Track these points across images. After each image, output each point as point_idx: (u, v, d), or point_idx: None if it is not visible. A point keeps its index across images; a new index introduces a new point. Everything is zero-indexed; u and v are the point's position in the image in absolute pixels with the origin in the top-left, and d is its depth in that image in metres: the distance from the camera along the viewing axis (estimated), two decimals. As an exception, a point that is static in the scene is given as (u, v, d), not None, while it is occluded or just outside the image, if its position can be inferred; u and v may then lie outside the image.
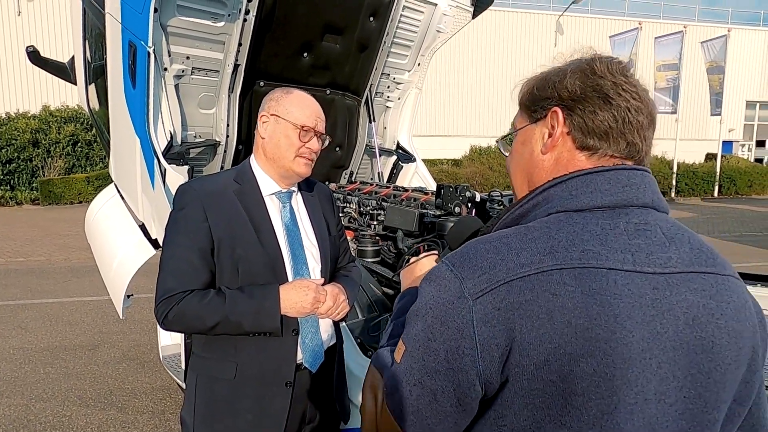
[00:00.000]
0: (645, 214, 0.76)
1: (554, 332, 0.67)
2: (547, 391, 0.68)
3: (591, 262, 0.70)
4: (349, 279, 1.69)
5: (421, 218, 2.44)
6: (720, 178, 19.66)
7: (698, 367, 0.71)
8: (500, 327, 0.69)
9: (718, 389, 0.72)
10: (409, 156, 3.99)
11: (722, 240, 10.30)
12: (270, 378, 1.49)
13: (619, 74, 0.78)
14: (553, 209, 0.77)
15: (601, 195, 0.75)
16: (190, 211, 1.44)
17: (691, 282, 0.73)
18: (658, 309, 0.70)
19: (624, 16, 23.93)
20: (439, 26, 3.60)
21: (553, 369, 0.67)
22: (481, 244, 0.76)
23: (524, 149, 0.86)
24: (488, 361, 0.69)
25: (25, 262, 7.87)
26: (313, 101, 1.58)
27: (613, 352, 0.67)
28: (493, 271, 0.71)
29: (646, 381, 0.68)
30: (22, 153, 15.01)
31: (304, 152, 1.51)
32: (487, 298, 0.70)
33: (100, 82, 3.10)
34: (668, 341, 0.70)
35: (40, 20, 17.34)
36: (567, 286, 0.68)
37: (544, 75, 0.84)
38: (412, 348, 0.75)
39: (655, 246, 0.74)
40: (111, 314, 5.16)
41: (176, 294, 1.38)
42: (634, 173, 0.77)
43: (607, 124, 0.77)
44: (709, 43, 18.57)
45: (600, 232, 0.73)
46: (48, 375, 3.99)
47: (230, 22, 2.73)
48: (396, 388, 0.76)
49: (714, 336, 0.72)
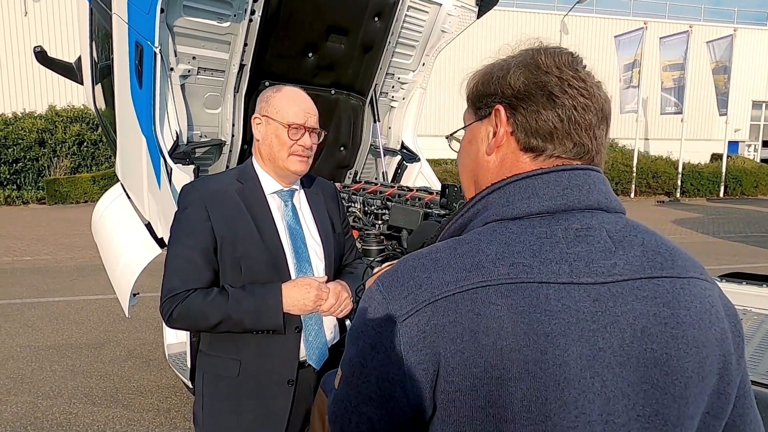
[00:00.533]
0: (589, 217, 0.70)
1: (479, 356, 0.62)
2: (477, 417, 0.63)
3: (520, 276, 0.64)
4: (354, 276, 1.70)
5: (425, 217, 2.45)
6: (726, 178, 19.57)
7: (651, 383, 0.65)
8: (426, 351, 0.63)
9: (678, 404, 0.66)
10: (413, 156, 4.00)
11: (728, 240, 10.26)
12: (272, 376, 1.50)
13: (567, 68, 0.72)
14: (489, 218, 0.71)
15: (539, 200, 0.69)
16: (192, 211, 1.46)
17: (639, 290, 0.67)
18: (599, 323, 0.64)
19: (629, 15, 23.86)
20: (443, 26, 3.61)
21: (480, 394, 0.62)
22: (410, 260, 0.70)
23: (471, 148, 0.80)
24: (417, 387, 0.64)
25: (31, 261, 7.93)
26: (303, 97, 1.57)
27: (544, 374, 0.62)
28: (418, 291, 0.66)
29: (587, 402, 0.63)
30: (29, 152, 15.12)
31: (297, 150, 1.51)
32: (413, 320, 0.65)
33: (107, 81, 3.13)
34: (613, 357, 0.64)
35: (46, 21, 17.45)
36: (492, 304, 0.63)
37: (489, 68, 0.78)
38: (348, 373, 0.71)
39: (598, 253, 0.67)
40: (117, 313, 5.19)
41: (180, 293, 1.40)
42: (576, 174, 0.71)
43: (552, 125, 0.71)
44: (714, 43, 18.50)
45: (534, 242, 0.67)
46: (55, 373, 4.02)
47: (236, 22, 2.75)
48: (336, 415, 0.73)
49: (669, 347, 0.66)
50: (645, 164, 18.83)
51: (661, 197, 18.74)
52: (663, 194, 18.94)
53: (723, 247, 9.46)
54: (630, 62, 17.77)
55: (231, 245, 1.46)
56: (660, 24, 22.54)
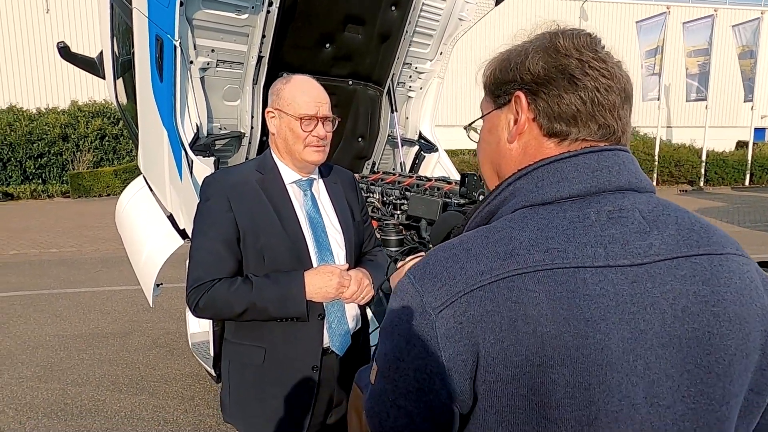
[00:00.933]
0: (620, 198, 0.69)
1: (520, 343, 0.61)
2: (520, 406, 0.62)
3: (556, 262, 0.63)
4: (375, 263, 1.71)
5: (444, 207, 2.44)
6: (752, 166, 19.05)
7: (695, 362, 0.64)
8: (464, 342, 0.63)
9: (723, 383, 0.65)
10: (431, 146, 3.98)
11: (753, 230, 10.01)
12: (297, 363, 1.53)
13: (586, 50, 0.71)
14: (518, 204, 0.70)
15: (569, 184, 0.68)
16: (215, 203, 1.49)
17: (677, 269, 0.66)
18: (639, 305, 0.63)
19: (651, 0, 23.28)
20: (461, 14, 3.57)
21: (523, 382, 0.62)
22: (441, 251, 0.70)
23: (491, 137, 0.79)
24: (457, 378, 0.64)
25: (57, 253, 8.13)
26: (313, 85, 1.55)
27: (586, 359, 0.61)
28: (452, 282, 0.65)
29: (631, 385, 0.62)
30: (53, 147, 15.45)
31: (311, 141, 1.52)
32: (449, 312, 0.64)
33: (128, 76, 3.18)
34: (655, 338, 0.63)
35: (68, 17, 17.73)
36: (530, 292, 0.62)
37: (506, 55, 0.77)
38: (383, 368, 0.70)
39: (633, 234, 0.66)
40: (141, 303, 5.31)
41: (205, 283, 1.43)
42: (604, 155, 0.70)
43: (575, 108, 0.70)
44: (740, 27, 17.93)
45: (567, 227, 0.66)
46: (82, 361, 4.13)
47: (254, 14, 2.76)
48: (374, 410, 0.72)
49: (710, 326, 0.65)
50: (667, 152, 18.43)
51: (684, 186, 18.34)
52: (686, 183, 18.54)
53: (749, 237, 9.24)
54: (652, 48, 17.34)
55: (253, 235, 1.48)
56: (684, 8, 21.96)
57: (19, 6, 17.30)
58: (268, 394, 1.54)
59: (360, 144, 3.79)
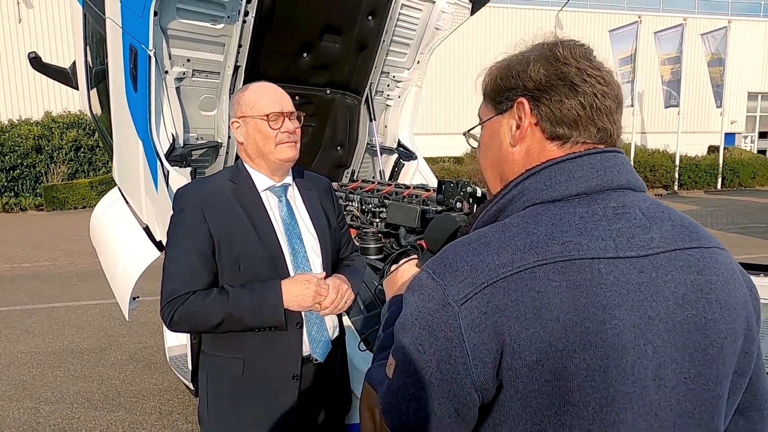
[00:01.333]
0: (622, 196, 0.74)
1: (544, 330, 0.65)
2: (544, 391, 0.66)
3: (573, 253, 0.68)
4: (352, 269, 1.71)
5: (423, 214, 2.46)
6: (723, 170, 19.60)
7: (694, 346, 0.70)
8: (489, 331, 0.66)
9: (717, 365, 0.71)
10: (410, 154, 4.01)
11: (726, 232, 10.28)
12: (277, 372, 1.51)
13: (583, 59, 0.76)
14: (529, 202, 0.74)
15: (576, 182, 0.73)
16: (188, 214, 1.47)
17: (675, 260, 0.71)
18: (646, 293, 0.68)
19: (623, 9, 23.86)
20: (437, 23, 3.61)
21: (546, 368, 0.65)
22: (459, 246, 0.73)
23: (492, 142, 0.82)
24: (481, 367, 0.67)
25: (31, 268, 7.92)
26: (271, 86, 1.58)
27: (604, 344, 0.65)
28: (474, 275, 0.68)
29: (642, 367, 0.67)
30: (26, 159, 15.09)
31: (282, 138, 1.52)
32: (473, 303, 0.67)
33: (102, 86, 3.13)
34: (661, 324, 0.68)
35: (41, 26, 17.42)
36: (551, 281, 0.66)
37: (506, 63, 0.81)
38: (403, 362, 0.72)
39: (636, 228, 0.72)
40: (117, 317, 5.19)
41: (180, 296, 1.41)
42: (606, 156, 0.75)
43: (576, 112, 0.75)
44: (709, 36, 18.52)
45: (578, 222, 0.70)
46: (56, 378, 4.02)
47: (230, 23, 2.75)
48: (392, 405, 0.74)
49: (706, 312, 0.71)
50: (642, 158, 18.85)
51: (659, 190, 18.76)
52: (661, 187, 18.96)
53: (722, 239, 9.34)
54: (626, 56, 17.77)
55: (228, 245, 1.46)
56: (655, 17, 22.56)
57: (-10, 16, 16.95)
58: (247, 405, 1.52)
59: (339, 152, 3.79)
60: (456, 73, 21.21)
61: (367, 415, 0.81)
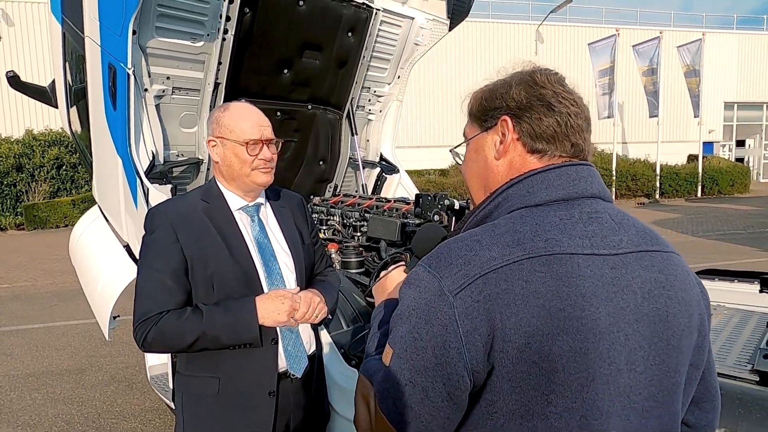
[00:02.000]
0: (594, 203, 0.84)
1: (531, 315, 0.72)
2: (531, 372, 0.73)
3: (555, 249, 0.76)
4: (326, 283, 1.71)
5: (403, 228, 2.47)
6: (702, 178, 19.99)
7: (659, 336, 0.79)
8: (481, 318, 0.73)
9: (677, 354, 0.80)
10: (392, 167, 4.04)
11: (707, 239, 10.46)
12: (253, 389, 1.50)
13: (558, 84, 0.86)
14: (513, 207, 0.83)
15: (555, 190, 0.83)
16: (160, 234, 1.46)
17: (641, 260, 0.81)
18: (618, 286, 0.77)
19: (602, 23, 24.41)
20: (416, 39, 3.67)
21: (534, 350, 0.72)
22: (453, 243, 0.81)
23: (478, 157, 0.92)
24: (473, 351, 0.73)
25: (10, 288, 7.76)
26: (253, 111, 1.57)
27: (584, 328, 0.73)
28: (468, 267, 0.76)
29: (616, 353, 0.75)
30: (6, 178, 14.86)
31: (259, 164, 1.52)
32: (466, 293, 0.74)
33: (81, 104, 3.12)
34: (631, 314, 0.77)
35: (21, 45, 17.29)
36: (537, 272, 0.74)
37: (490, 87, 0.91)
38: (400, 349, 0.78)
39: (607, 231, 0.81)
40: (98, 337, 5.11)
41: (153, 316, 1.40)
42: (581, 168, 0.85)
43: (553, 129, 0.85)
44: (684, 48, 19.01)
45: (559, 222, 0.80)
46: (35, 401, 3.93)
47: (209, 41, 2.77)
48: (388, 391, 0.80)
49: (667, 306, 0.80)
50: (624, 167, 19.16)
51: (641, 199, 19.05)
52: (643, 196, 19.27)
53: (702, 246, 9.64)
54: (605, 68, 18.15)
55: (201, 265, 1.46)
56: (632, 30, 23.09)
57: (-30, 34, 16.79)
58: (224, 424, 1.50)
59: (321, 167, 3.81)
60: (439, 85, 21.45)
61: (362, 405, 0.85)
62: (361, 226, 2.87)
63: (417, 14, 3.59)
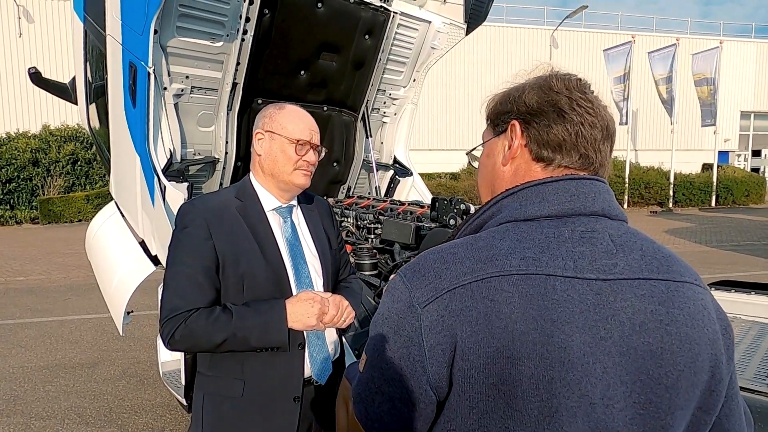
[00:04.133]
0: (593, 222, 0.77)
1: (493, 336, 0.69)
2: (490, 394, 0.69)
3: (530, 268, 0.71)
4: (350, 290, 1.70)
5: (417, 231, 2.48)
6: (717, 188, 19.75)
7: (647, 373, 0.71)
8: (444, 333, 0.71)
9: (670, 395, 0.72)
10: (405, 170, 4.04)
11: (720, 249, 10.33)
12: (278, 394, 1.48)
13: (576, 90, 0.81)
14: (503, 219, 0.79)
15: (548, 204, 0.77)
16: (193, 230, 1.44)
17: (637, 288, 0.73)
18: (601, 314, 0.71)
19: (617, 29, 24.24)
20: (433, 43, 3.68)
21: (493, 372, 0.68)
22: (431, 254, 0.78)
23: (488, 161, 0.89)
24: (436, 366, 0.71)
25: (24, 281, 7.87)
26: (306, 115, 1.59)
27: (550, 356, 0.68)
28: (438, 281, 0.73)
29: (590, 385, 0.69)
30: (22, 172, 15.08)
31: (302, 165, 1.53)
32: (433, 307, 0.72)
33: (101, 101, 3.16)
34: (614, 346, 0.70)
35: (41, 42, 17.55)
36: (505, 292, 0.70)
37: (507, 91, 0.87)
38: (371, 357, 0.78)
39: (600, 253, 0.74)
40: (111, 332, 5.16)
41: (182, 313, 1.37)
42: (583, 183, 0.79)
43: (561, 137, 0.80)
44: (699, 55, 18.82)
45: (543, 240, 0.74)
46: (48, 393, 3.98)
47: (228, 42, 2.80)
48: (360, 397, 0.80)
49: (663, 342, 0.71)
50: (637, 175, 18.99)
51: (654, 207, 18.86)
52: (656, 204, 19.08)
53: (716, 256, 9.53)
54: (620, 75, 18.02)
55: (233, 264, 1.44)
56: (648, 37, 22.92)
57: (-9, 30, 17.09)
58: (249, 427, 1.48)
59: (335, 169, 3.82)
60: (453, 90, 21.43)
61: (342, 406, 0.86)
62: (375, 228, 2.88)
63: (434, 18, 3.60)
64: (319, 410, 1.58)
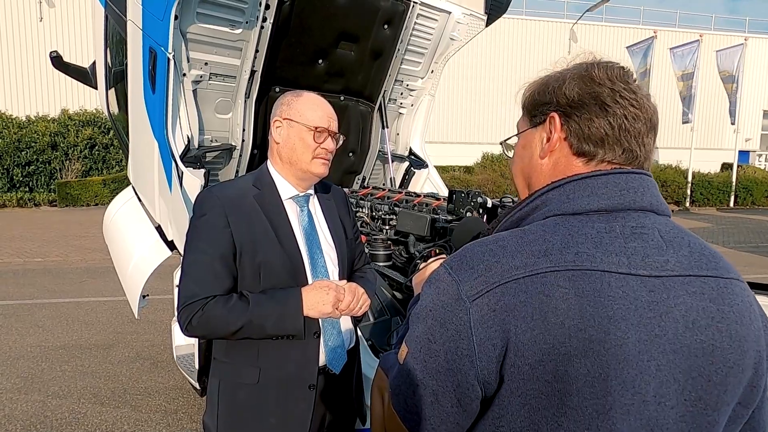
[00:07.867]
0: (643, 217, 0.76)
1: (548, 333, 0.68)
2: (543, 391, 0.68)
3: (585, 264, 0.70)
4: (365, 279, 1.70)
5: (432, 223, 2.47)
6: (736, 188, 19.39)
7: (699, 371, 0.71)
8: (496, 328, 0.69)
9: (718, 392, 0.72)
10: (421, 162, 4.03)
11: (738, 251, 10.16)
12: (293, 381, 1.49)
13: (619, 81, 0.78)
14: (550, 213, 0.77)
15: (598, 198, 0.75)
16: (212, 218, 1.45)
17: (689, 285, 0.72)
18: (655, 312, 0.70)
19: (639, 24, 23.80)
20: (452, 34, 3.64)
21: (548, 369, 0.68)
22: (477, 246, 0.77)
23: (524, 153, 0.86)
24: (485, 361, 0.70)
25: (42, 263, 8.02)
26: (324, 102, 1.58)
27: (606, 353, 0.67)
28: (488, 274, 0.72)
29: (644, 383, 0.68)
30: (41, 156, 15.33)
31: (320, 153, 1.53)
32: (484, 300, 0.71)
33: (120, 86, 3.19)
34: (668, 344, 0.70)
35: (61, 26, 17.73)
36: (560, 287, 0.69)
37: (545, 79, 0.84)
38: (414, 349, 0.76)
39: (652, 249, 0.73)
40: (126, 314, 5.25)
41: (199, 300, 1.38)
42: (632, 177, 0.77)
43: (604, 131, 0.77)
44: (723, 52, 18.40)
45: (595, 235, 0.73)
46: (64, 373, 4.06)
47: (248, 29, 2.79)
48: (400, 389, 0.78)
49: (714, 339, 0.71)
50: (654, 173, 18.56)
51: (671, 206, 18.58)
52: (673, 203, 18.80)
53: (734, 258, 9.37)
54: (641, 72, 17.70)
55: (251, 252, 1.45)
56: (671, 33, 22.47)
57: (12, 14, 17.29)
58: (261, 415, 1.50)
59: (351, 159, 3.82)
60: (469, 82, 21.25)
61: (377, 397, 0.85)
62: (390, 219, 2.87)
63: (454, 8, 3.55)
64: (332, 399, 1.59)
